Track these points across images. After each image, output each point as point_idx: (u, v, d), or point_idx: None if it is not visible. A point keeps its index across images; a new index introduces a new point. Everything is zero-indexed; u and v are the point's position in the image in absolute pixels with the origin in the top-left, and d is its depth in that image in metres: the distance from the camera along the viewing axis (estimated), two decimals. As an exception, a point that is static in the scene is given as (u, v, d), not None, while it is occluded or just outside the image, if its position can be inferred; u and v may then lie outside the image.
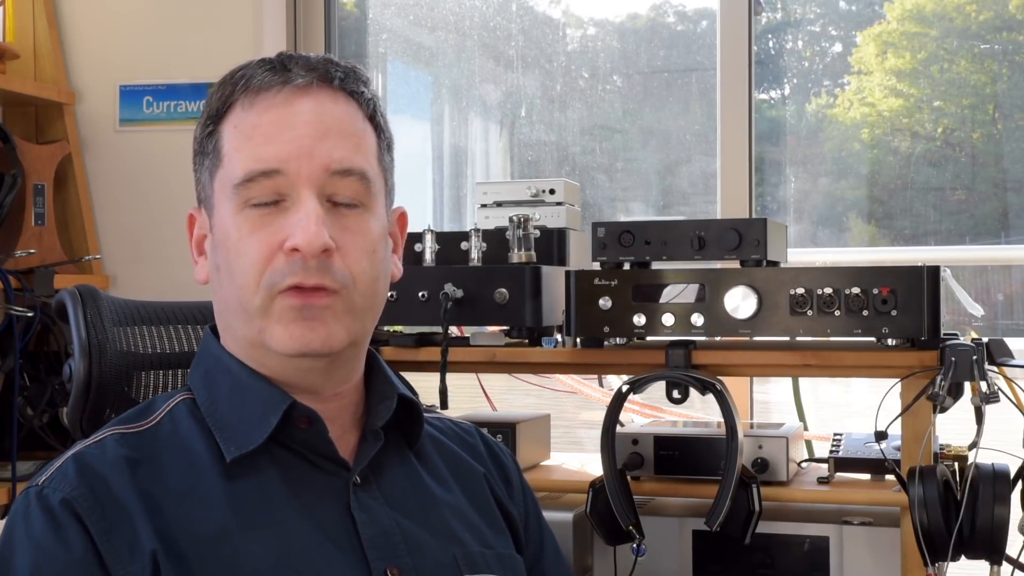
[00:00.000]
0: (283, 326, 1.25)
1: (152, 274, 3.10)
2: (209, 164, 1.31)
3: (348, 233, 1.27)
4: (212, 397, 1.31)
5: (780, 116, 3.27)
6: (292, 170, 1.25)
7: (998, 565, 1.79)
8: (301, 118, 1.27)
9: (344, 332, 1.27)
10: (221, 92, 1.31)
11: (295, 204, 1.25)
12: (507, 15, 3.43)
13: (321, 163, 1.26)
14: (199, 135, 1.33)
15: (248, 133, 1.27)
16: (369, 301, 1.30)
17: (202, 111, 1.34)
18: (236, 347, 1.32)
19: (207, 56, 3.15)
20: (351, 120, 1.31)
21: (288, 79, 1.28)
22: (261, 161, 1.25)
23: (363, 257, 1.28)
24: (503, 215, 2.44)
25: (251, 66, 1.31)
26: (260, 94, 1.28)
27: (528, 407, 2.87)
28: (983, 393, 1.85)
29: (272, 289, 1.25)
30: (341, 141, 1.28)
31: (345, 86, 1.31)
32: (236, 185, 1.26)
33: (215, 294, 1.34)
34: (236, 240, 1.26)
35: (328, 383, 1.31)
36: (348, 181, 1.28)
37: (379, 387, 1.37)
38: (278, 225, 1.25)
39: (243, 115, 1.28)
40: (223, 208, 1.28)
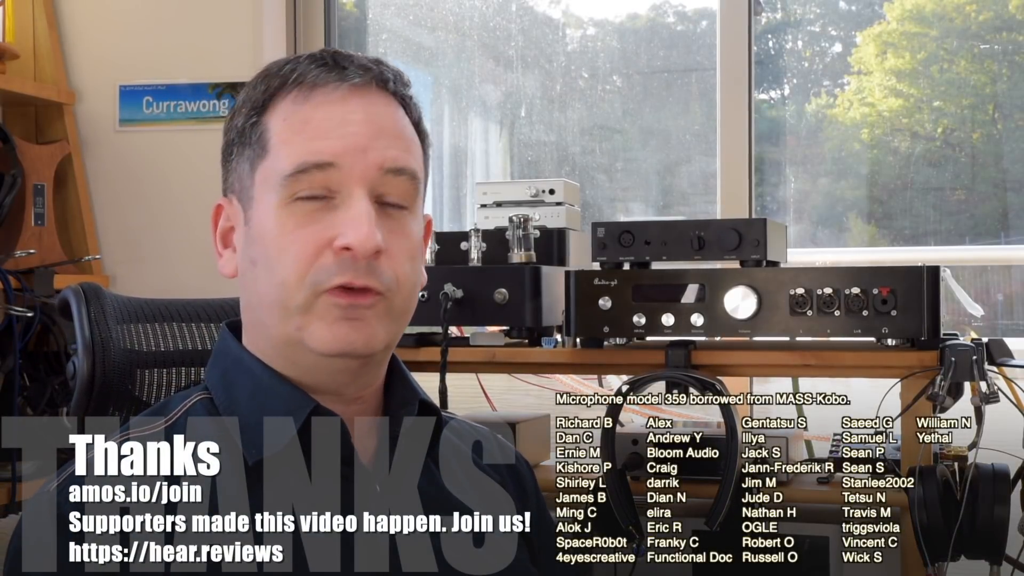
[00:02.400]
0: (326, 324, 1.23)
1: (152, 274, 3.10)
2: (250, 154, 1.28)
3: (394, 236, 1.26)
4: (232, 397, 1.29)
5: (780, 116, 3.27)
6: (346, 165, 1.23)
7: (998, 565, 1.80)
8: (355, 116, 1.26)
9: (384, 334, 1.26)
10: (267, 84, 1.29)
11: (346, 201, 1.23)
12: (507, 15, 3.43)
13: (375, 161, 1.25)
14: (240, 124, 1.30)
15: (299, 127, 1.25)
16: (407, 305, 1.29)
17: (240, 102, 1.31)
18: (264, 344, 1.30)
19: (207, 56, 3.16)
20: (402, 123, 1.30)
21: (344, 77, 1.27)
22: (315, 154, 1.23)
23: (407, 261, 1.27)
24: (503, 215, 2.44)
25: (301, 61, 1.29)
26: (316, 89, 1.26)
27: (528, 407, 2.87)
28: (983, 393, 1.85)
29: (317, 287, 1.23)
30: (394, 141, 1.27)
31: (396, 89, 1.30)
32: (286, 176, 1.24)
33: (246, 289, 1.31)
34: (279, 234, 1.24)
35: (354, 385, 1.30)
36: (399, 181, 1.26)
37: (400, 392, 1.36)
38: (327, 222, 1.23)
39: (295, 108, 1.26)
40: (265, 200, 1.26)
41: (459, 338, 2.35)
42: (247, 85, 1.32)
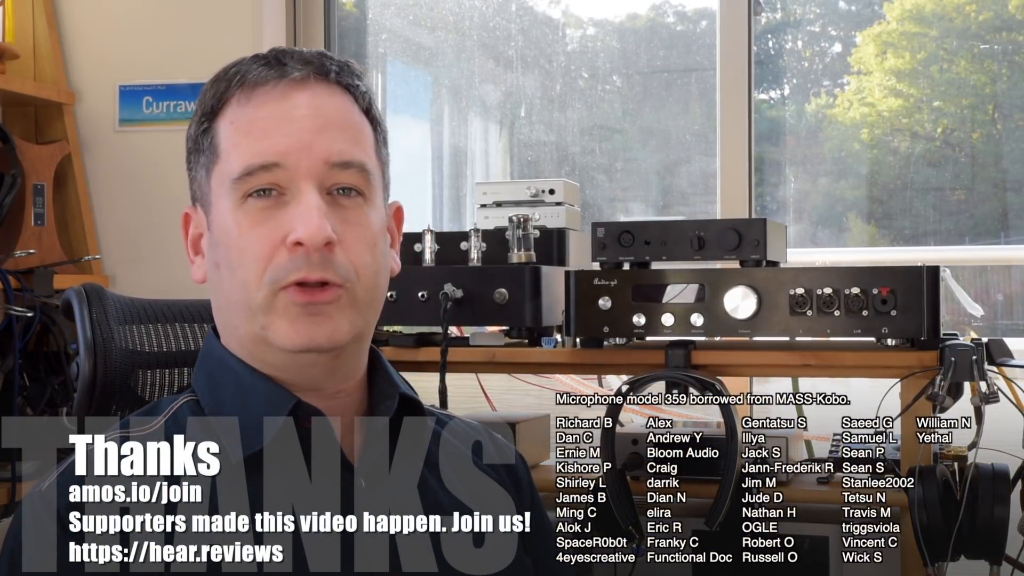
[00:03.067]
0: (288, 322, 1.24)
1: (151, 274, 3.10)
2: (205, 161, 1.30)
3: (349, 225, 1.26)
4: (216, 399, 1.30)
5: (780, 116, 3.27)
6: (292, 163, 1.24)
7: (998, 565, 1.80)
8: (299, 111, 1.26)
9: (348, 326, 1.27)
10: (215, 89, 1.30)
11: (296, 198, 1.24)
12: (507, 15, 3.43)
13: (321, 156, 1.25)
14: (194, 132, 1.32)
15: (245, 128, 1.26)
16: (371, 295, 1.30)
17: (196, 109, 1.33)
18: (237, 345, 1.31)
19: (207, 56, 3.15)
20: (348, 113, 1.30)
21: (284, 73, 1.27)
22: (260, 155, 1.24)
23: (365, 250, 1.27)
24: (503, 215, 2.44)
25: (244, 62, 1.30)
26: (256, 89, 1.27)
27: (528, 407, 2.87)
28: (983, 393, 1.85)
29: (275, 285, 1.24)
30: (340, 134, 1.27)
31: (341, 79, 1.31)
32: (235, 180, 1.25)
33: (214, 292, 1.32)
34: (236, 236, 1.25)
35: (331, 380, 1.31)
36: (348, 173, 1.27)
37: (381, 385, 1.37)
38: (279, 220, 1.24)
39: (239, 110, 1.27)
40: (221, 204, 1.27)
41: (459, 338, 2.35)
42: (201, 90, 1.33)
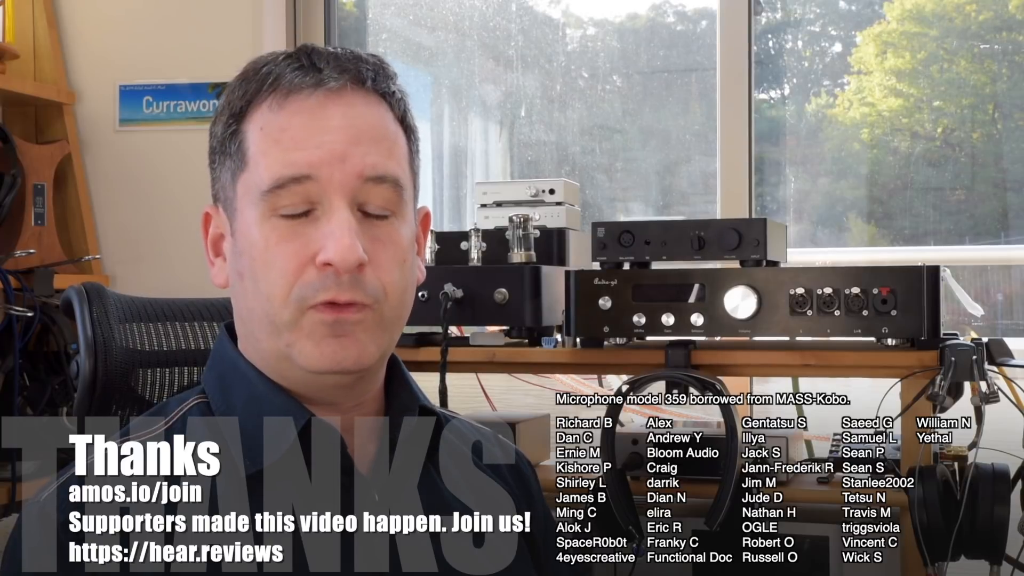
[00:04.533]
0: (314, 343, 1.21)
1: (151, 274, 3.10)
2: (231, 165, 1.25)
3: (380, 244, 1.22)
4: (228, 404, 1.28)
5: (780, 116, 3.27)
6: (324, 176, 1.20)
7: (998, 565, 1.80)
8: (333, 122, 1.21)
9: (375, 348, 1.23)
10: (244, 88, 1.24)
11: (326, 213, 1.20)
12: (507, 15, 3.43)
13: (354, 169, 1.21)
14: (220, 133, 1.26)
15: (276, 136, 1.21)
16: (398, 312, 1.27)
17: (221, 107, 1.27)
18: (257, 356, 1.28)
19: (207, 56, 3.16)
20: (384, 124, 1.26)
21: (320, 81, 1.22)
22: (291, 166, 1.20)
23: (395, 268, 1.24)
24: (503, 215, 2.44)
25: (276, 62, 1.24)
26: (290, 96, 1.22)
27: (528, 407, 2.87)
28: (983, 393, 1.85)
29: (303, 303, 1.20)
30: (374, 146, 1.23)
31: (377, 87, 1.26)
32: (264, 192, 1.20)
33: (237, 301, 1.28)
34: (263, 249, 1.21)
35: (350, 395, 1.28)
36: (381, 188, 1.23)
37: (401, 397, 1.34)
38: (309, 236, 1.20)
39: (271, 116, 1.22)
40: (247, 214, 1.23)
41: (459, 338, 2.35)
42: (228, 87, 1.28)
